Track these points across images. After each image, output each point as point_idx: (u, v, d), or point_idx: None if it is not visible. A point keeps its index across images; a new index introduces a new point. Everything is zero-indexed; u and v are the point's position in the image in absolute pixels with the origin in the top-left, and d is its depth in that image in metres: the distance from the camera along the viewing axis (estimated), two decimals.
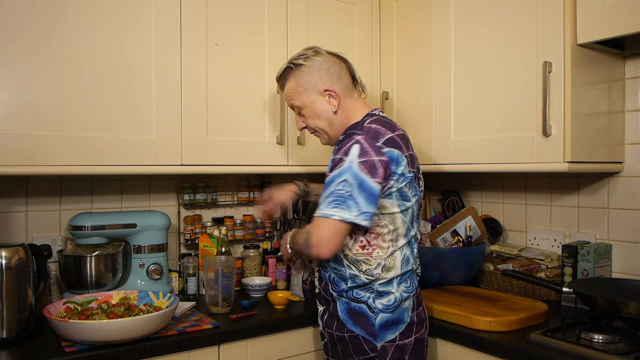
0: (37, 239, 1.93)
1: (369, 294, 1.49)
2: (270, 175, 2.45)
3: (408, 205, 1.50)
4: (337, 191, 1.39)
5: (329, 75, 1.58)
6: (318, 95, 1.58)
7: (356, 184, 1.38)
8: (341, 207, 1.37)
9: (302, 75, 1.59)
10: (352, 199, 1.37)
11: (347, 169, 1.39)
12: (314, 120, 1.62)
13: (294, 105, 1.64)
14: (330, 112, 1.59)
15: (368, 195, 1.39)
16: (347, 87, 1.60)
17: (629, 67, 1.86)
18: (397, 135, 1.49)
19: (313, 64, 1.58)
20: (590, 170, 1.81)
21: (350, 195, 1.37)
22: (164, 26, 1.81)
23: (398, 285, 1.51)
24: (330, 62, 1.60)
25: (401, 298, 1.50)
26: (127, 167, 1.75)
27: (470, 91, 1.95)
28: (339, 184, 1.39)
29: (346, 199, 1.37)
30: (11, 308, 1.51)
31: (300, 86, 1.59)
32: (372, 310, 1.49)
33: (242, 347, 1.70)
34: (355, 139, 1.43)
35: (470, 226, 2.12)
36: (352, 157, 1.40)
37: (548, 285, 1.86)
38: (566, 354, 1.41)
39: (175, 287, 2.09)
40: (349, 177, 1.39)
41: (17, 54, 1.56)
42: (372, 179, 1.39)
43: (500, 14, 1.84)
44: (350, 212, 1.37)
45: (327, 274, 1.57)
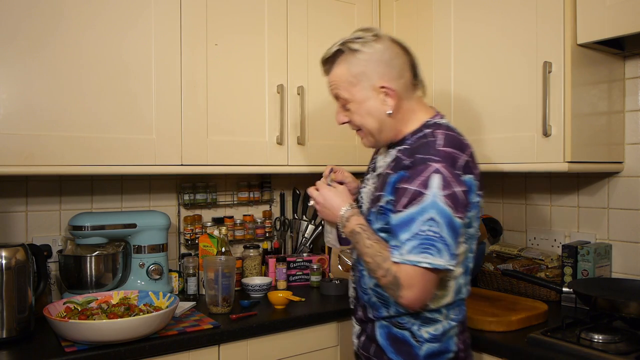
0: (37, 239, 1.93)
1: (414, 321, 1.31)
2: (270, 175, 2.45)
3: (471, 233, 1.31)
4: (422, 232, 1.17)
5: (389, 70, 1.30)
6: (372, 91, 1.31)
7: (444, 222, 1.17)
8: (430, 252, 1.16)
9: (357, 63, 1.31)
10: (441, 241, 1.17)
11: (432, 205, 1.17)
12: (362, 118, 1.35)
13: (339, 96, 1.37)
14: (383, 114, 1.32)
15: (455, 235, 1.19)
16: (407, 86, 1.34)
17: (629, 67, 1.86)
18: (469, 154, 1.27)
19: (372, 52, 1.30)
20: (590, 170, 1.81)
21: (439, 237, 1.17)
22: (164, 26, 1.81)
23: (448, 312, 1.33)
24: (393, 52, 1.32)
25: (449, 327, 1.32)
26: (127, 167, 1.75)
27: (470, 91, 1.95)
28: (424, 223, 1.17)
29: (435, 242, 1.16)
30: (11, 308, 1.51)
31: (353, 77, 1.32)
32: (416, 339, 1.31)
33: (242, 347, 1.70)
34: (434, 167, 1.19)
35: None
36: (434, 190, 1.17)
37: (548, 285, 1.86)
38: (566, 354, 1.41)
39: (175, 287, 2.09)
40: (435, 215, 1.17)
41: (17, 54, 1.56)
42: (456, 215, 1.19)
43: (500, 14, 1.84)
44: (442, 257, 1.17)
45: (367, 297, 1.38)
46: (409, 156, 1.27)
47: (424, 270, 1.18)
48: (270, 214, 2.44)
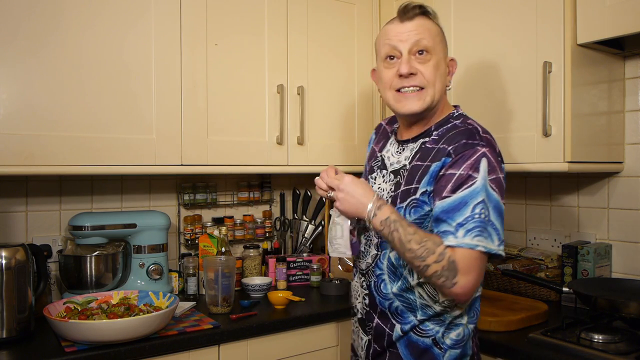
0: (37, 239, 1.93)
1: (438, 328, 1.28)
2: (270, 175, 2.45)
3: None
4: (475, 216, 1.16)
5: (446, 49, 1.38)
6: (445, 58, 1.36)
7: (492, 206, 1.18)
8: (484, 236, 1.16)
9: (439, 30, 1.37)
10: (491, 225, 1.17)
11: (482, 189, 1.17)
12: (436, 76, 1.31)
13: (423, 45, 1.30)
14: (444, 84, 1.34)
15: (501, 220, 1.20)
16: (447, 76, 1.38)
17: (629, 67, 1.86)
18: None
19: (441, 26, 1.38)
20: (590, 170, 1.81)
21: (489, 220, 1.17)
22: (164, 26, 1.81)
23: (467, 315, 1.31)
24: None
25: (468, 331, 1.31)
26: (127, 167, 1.75)
27: (470, 91, 1.95)
28: (476, 206, 1.16)
29: (487, 226, 1.16)
30: (11, 308, 1.51)
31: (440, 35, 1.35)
32: (439, 347, 1.28)
33: (242, 347, 1.70)
34: (481, 151, 1.21)
35: None
36: (483, 174, 1.18)
37: (548, 285, 1.86)
38: (566, 354, 1.41)
39: (175, 287, 2.09)
40: (485, 198, 1.17)
41: (17, 54, 1.56)
42: (501, 200, 1.21)
43: (500, 14, 1.84)
44: (493, 241, 1.17)
45: (389, 302, 1.32)
46: (447, 144, 1.25)
47: (480, 254, 1.16)
48: (270, 214, 2.44)
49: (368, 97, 2.32)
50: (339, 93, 2.24)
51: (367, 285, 1.38)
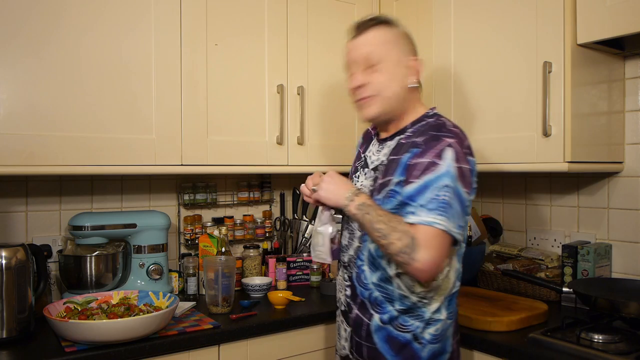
0: (37, 239, 1.93)
1: (418, 323, 1.32)
2: (270, 175, 2.45)
3: (466, 220, 1.34)
4: (437, 197, 1.21)
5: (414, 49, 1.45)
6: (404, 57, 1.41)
7: (454, 193, 1.23)
8: (445, 216, 1.20)
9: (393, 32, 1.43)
10: (453, 208, 1.22)
11: (446, 174, 1.22)
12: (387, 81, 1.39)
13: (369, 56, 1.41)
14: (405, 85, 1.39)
15: (463, 207, 1.25)
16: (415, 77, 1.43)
17: (629, 67, 1.86)
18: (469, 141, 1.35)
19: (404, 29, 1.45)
20: (590, 170, 1.81)
21: (451, 204, 1.22)
22: (164, 26, 1.81)
23: (446, 310, 1.35)
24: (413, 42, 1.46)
25: (447, 326, 1.35)
26: (127, 167, 1.75)
27: (470, 91, 1.95)
28: (441, 189, 1.21)
29: (448, 208, 1.21)
30: (11, 308, 1.51)
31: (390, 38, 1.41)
32: (419, 342, 1.32)
33: (242, 347, 1.70)
34: (447, 142, 1.26)
35: (470, 226, 2.12)
36: (448, 161, 1.23)
37: (548, 285, 1.86)
38: (566, 354, 1.41)
39: (175, 287, 2.09)
40: (449, 182, 1.22)
41: (17, 54, 1.56)
42: (464, 190, 1.26)
43: (500, 14, 1.84)
44: (452, 222, 1.21)
45: (368, 292, 1.36)
46: (417, 137, 1.33)
47: (439, 232, 1.21)
48: (270, 214, 2.44)
49: None
50: (339, 93, 2.23)
51: (348, 277, 1.44)
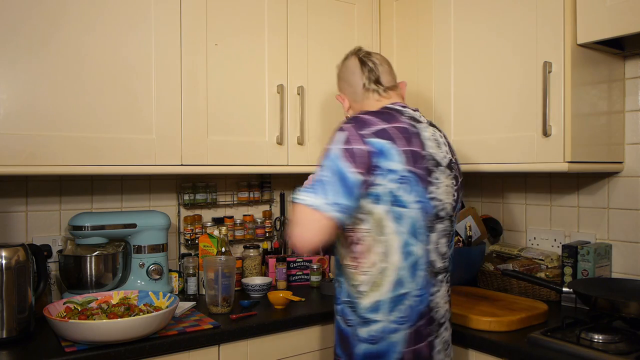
0: (37, 239, 1.93)
1: (356, 318, 1.35)
2: (270, 175, 2.46)
3: (403, 213, 1.30)
4: (315, 177, 1.29)
5: (344, 83, 1.58)
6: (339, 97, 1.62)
7: (334, 170, 1.26)
8: (312, 193, 1.26)
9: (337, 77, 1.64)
10: (326, 185, 1.26)
11: (327, 156, 1.30)
12: None
13: None
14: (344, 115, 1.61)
15: (343, 186, 1.25)
16: (355, 92, 1.54)
17: (629, 67, 1.86)
18: (396, 127, 1.33)
19: (339, 69, 1.62)
20: (590, 170, 1.81)
21: (326, 181, 1.26)
22: (164, 26, 1.81)
23: (389, 313, 1.32)
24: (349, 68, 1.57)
25: (389, 330, 1.32)
26: (127, 167, 1.75)
27: (470, 91, 1.95)
28: (320, 170, 1.29)
29: (319, 185, 1.26)
30: (11, 308, 1.51)
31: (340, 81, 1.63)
32: (356, 337, 1.35)
33: (242, 347, 1.70)
34: (342, 127, 1.33)
35: (470, 226, 2.12)
36: (336, 144, 1.30)
37: (548, 285, 1.86)
38: (566, 354, 1.41)
39: (175, 287, 2.09)
40: (330, 163, 1.28)
41: (17, 54, 1.56)
42: (351, 169, 1.26)
43: (501, 14, 1.84)
44: (319, 198, 1.25)
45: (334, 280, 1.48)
46: None
47: (305, 207, 1.26)
48: (270, 214, 2.44)
49: None
50: None
51: None
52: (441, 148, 1.42)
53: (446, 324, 1.43)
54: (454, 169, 1.45)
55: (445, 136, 1.50)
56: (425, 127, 1.42)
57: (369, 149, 1.28)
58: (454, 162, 1.47)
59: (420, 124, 1.42)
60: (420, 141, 1.36)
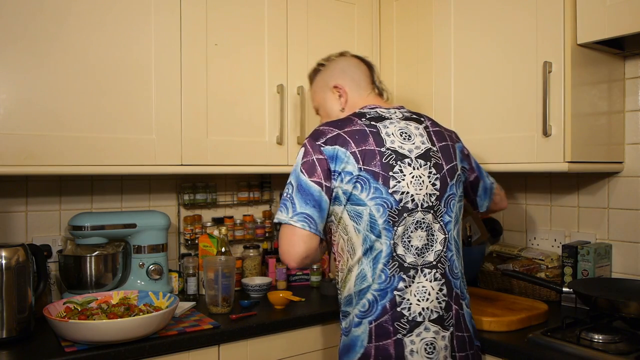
0: (37, 239, 1.93)
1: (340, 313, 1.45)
2: (270, 175, 2.46)
3: (360, 211, 1.32)
4: (283, 196, 1.37)
5: (342, 74, 1.55)
6: (329, 91, 1.57)
7: (296, 185, 1.34)
8: (281, 210, 1.35)
9: (320, 75, 1.61)
10: (290, 200, 1.34)
11: (292, 172, 1.37)
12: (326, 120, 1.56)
13: (313, 106, 1.67)
14: (337, 111, 1.55)
15: (305, 196, 1.33)
16: (358, 86, 1.54)
17: (629, 67, 1.86)
18: (349, 130, 1.37)
19: (331, 63, 1.59)
20: (590, 170, 1.81)
21: (290, 197, 1.34)
22: (164, 26, 1.81)
23: (354, 306, 1.36)
24: (349, 62, 1.57)
25: (355, 323, 1.35)
26: (127, 167, 1.75)
27: (470, 91, 1.95)
28: (285, 188, 1.38)
29: (285, 202, 1.35)
30: (11, 308, 1.51)
31: (317, 85, 1.61)
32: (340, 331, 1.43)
33: (242, 347, 1.70)
34: (304, 142, 1.40)
35: (470, 226, 2.12)
36: (297, 160, 1.38)
37: (548, 285, 1.86)
38: (566, 354, 1.41)
39: (175, 287, 2.09)
40: (292, 179, 1.36)
41: (17, 54, 1.56)
42: (309, 179, 1.33)
43: (501, 14, 1.84)
44: (285, 213, 1.33)
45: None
46: None
47: (282, 225, 1.35)
48: (270, 214, 2.44)
49: None
50: None
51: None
52: (413, 139, 1.40)
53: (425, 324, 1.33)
54: (433, 157, 1.41)
55: (429, 126, 1.47)
56: (391, 122, 1.41)
57: (324, 157, 1.34)
58: (436, 150, 1.42)
59: (386, 120, 1.42)
60: (378, 139, 1.37)
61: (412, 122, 1.45)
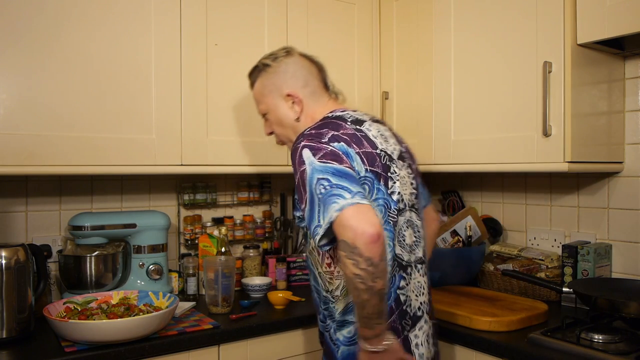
0: (37, 239, 1.93)
1: (332, 323, 1.38)
2: (270, 175, 2.46)
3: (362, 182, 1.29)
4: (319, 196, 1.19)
5: (294, 80, 1.46)
6: (281, 99, 1.47)
7: (330, 174, 1.20)
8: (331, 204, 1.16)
9: (267, 76, 1.49)
10: (336, 188, 1.18)
11: (312, 172, 1.22)
12: (277, 127, 1.51)
13: (259, 110, 1.56)
14: (292, 119, 1.46)
15: (348, 177, 1.21)
16: (313, 93, 1.46)
17: (629, 67, 1.86)
18: (344, 133, 1.32)
19: (280, 65, 1.47)
20: (590, 170, 1.81)
21: (332, 187, 1.18)
22: (164, 26, 1.81)
23: None
24: (299, 65, 1.47)
25: None
26: (127, 167, 1.75)
27: (470, 91, 1.95)
28: (316, 188, 1.20)
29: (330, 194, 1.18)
30: (11, 308, 1.51)
31: (265, 88, 1.49)
32: (333, 342, 1.37)
33: (242, 347, 1.70)
34: (300, 146, 1.28)
35: (470, 226, 2.12)
36: (308, 160, 1.24)
37: (548, 285, 1.86)
38: (566, 354, 1.41)
39: (175, 287, 2.09)
40: (319, 176, 1.21)
41: (18, 54, 1.56)
42: (340, 165, 1.22)
43: (501, 13, 1.84)
44: (344, 198, 1.16)
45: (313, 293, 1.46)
46: None
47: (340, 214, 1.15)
48: (270, 214, 2.44)
49: (368, 97, 2.32)
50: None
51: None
52: (389, 141, 1.40)
53: (424, 317, 1.37)
54: (406, 158, 1.43)
55: (390, 128, 1.48)
56: (369, 125, 1.40)
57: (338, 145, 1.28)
58: (405, 150, 1.45)
59: (365, 123, 1.40)
60: (370, 141, 1.35)
61: (380, 124, 1.45)
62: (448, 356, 1.69)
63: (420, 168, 1.55)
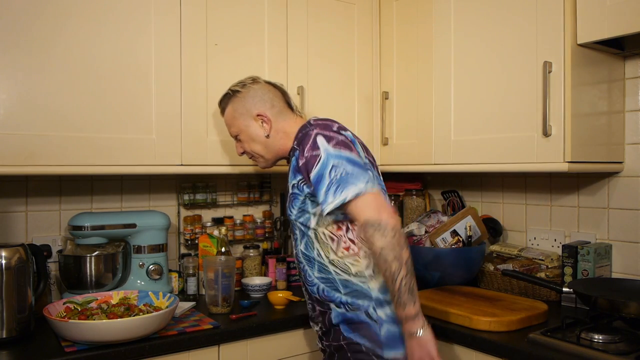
0: (37, 239, 1.93)
1: (367, 302, 1.43)
2: (270, 175, 2.46)
3: None
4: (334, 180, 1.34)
5: (262, 102, 1.60)
6: (251, 119, 1.60)
7: (345, 162, 1.36)
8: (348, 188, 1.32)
9: (238, 101, 1.63)
10: (351, 176, 1.34)
11: (327, 157, 1.37)
12: (250, 144, 1.63)
13: (231, 133, 1.68)
14: (263, 136, 1.60)
15: (359, 166, 1.37)
16: (280, 112, 1.61)
17: (629, 67, 1.86)
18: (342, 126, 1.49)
19: (248, 91, 1.62)
20: (590, 170, 1.81)
21: (347, 174, 1.34)
22: (164, 26, 1.81)
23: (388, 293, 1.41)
24: (265, 90, 1.63)
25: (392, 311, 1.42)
26: (127, 167, 1.75)
27: (470, 91, 1.95)
28: (330, 172, 1.35)
29: (347, 179, 1.33)
30: (11, 308, 1.51)
31: (236, 112, 1.63)
32: (374, 320, 1.42)
33: (242, 347, 1.70)
34: (314, 133, 1.41)
35: (470, 226, 2.12)
36: (322, 146, 1.38)
37: (548, 285, 1.86)
38: (566, 354, 1.41)
39: (175, 287, 2.09)
40: (334, 161, 1.36)
41: (17, 55, 1.56)
42: (351, 154, 1.38)
43: (500, 13, 1.84)
44: (359, 185, 1.33)
45: (315, 287, 1.50)
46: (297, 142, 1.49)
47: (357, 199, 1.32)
48: (270, 214, 2.44)
49: (368, 97, 2.32)
50: (339, 93, 2.23)
51: (301, 279, 1.57)
52: None
53: None
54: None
55: None
56: None
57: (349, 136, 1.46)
58: None
59: None
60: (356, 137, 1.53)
61: None
62: (448, 356, 1.69)
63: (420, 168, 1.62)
